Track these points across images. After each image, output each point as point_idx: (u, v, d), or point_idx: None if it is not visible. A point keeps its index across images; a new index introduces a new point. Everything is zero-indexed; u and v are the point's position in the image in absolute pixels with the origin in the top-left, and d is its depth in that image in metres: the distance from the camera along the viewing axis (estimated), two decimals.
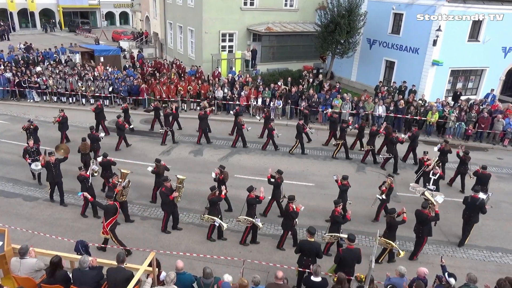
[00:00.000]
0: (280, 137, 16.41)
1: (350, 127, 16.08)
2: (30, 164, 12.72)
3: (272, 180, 11.36)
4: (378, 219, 11.68)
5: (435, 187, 12.28)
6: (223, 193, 10.38)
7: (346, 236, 8.84)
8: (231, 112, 18.79)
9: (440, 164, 13.82)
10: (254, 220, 10.08)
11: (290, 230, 10.12)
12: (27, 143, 13.02)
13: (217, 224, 10.19)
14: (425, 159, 13.28)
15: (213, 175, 11.61)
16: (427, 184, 12.49)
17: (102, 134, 15.08)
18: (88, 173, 11.27)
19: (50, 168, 11.65)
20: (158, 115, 18.00)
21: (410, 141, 15.43)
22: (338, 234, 9.60)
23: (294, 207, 9.80)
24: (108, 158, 12.28)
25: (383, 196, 11.16)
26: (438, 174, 12.47)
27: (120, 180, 11.05)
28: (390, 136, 15.01)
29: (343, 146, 15.77)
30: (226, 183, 11.65)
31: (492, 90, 21.80)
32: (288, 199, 9.98)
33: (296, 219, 9.97)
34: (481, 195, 10.51)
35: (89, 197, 10.37)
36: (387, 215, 9.78)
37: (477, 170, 12.65)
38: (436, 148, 14.26)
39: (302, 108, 17.89)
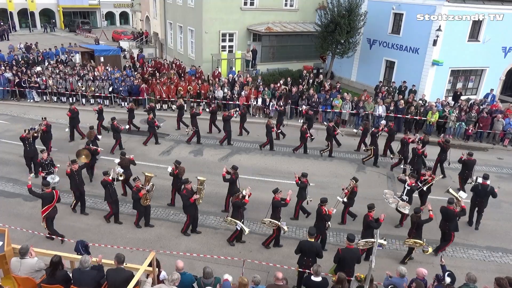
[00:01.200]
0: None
1: (380, 133, 15.33)
2: (44, 178, 11.77)
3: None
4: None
5: (407, 198, 11.52)
6: (247, 198, 10.08)
7: (382, 241, 9.00)
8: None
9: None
10: (280, 223, 9.86)
11: (322, 234, 9.96)
12: (41, 155, 12.29)
13: (239, 228, 10.01)
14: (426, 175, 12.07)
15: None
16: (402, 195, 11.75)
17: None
18: (111, 177, 10.89)
19: (74, 177, 11.12)
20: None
21: (388, 135, 15.75)
22: (373, 240, 9.37)
23: (327, 210, 9.65)
24: (127, 156, 12.34)
25: (345, 199, 10.98)
26: (411, 184, 11.58)
27: (144, 184, 10.74)
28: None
29: (372, 152, 15.28)
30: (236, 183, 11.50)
31: (492, 90, 21.80)
32: (320, 201, 9.73)
33: (329, 222, 9.84)
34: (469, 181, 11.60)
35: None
36: (413, 215, 9.65)
37: (461, 157, 13.28)
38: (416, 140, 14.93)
39: (304, 110, 17.89)
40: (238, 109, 18.23)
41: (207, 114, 18.50)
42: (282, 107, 18.13)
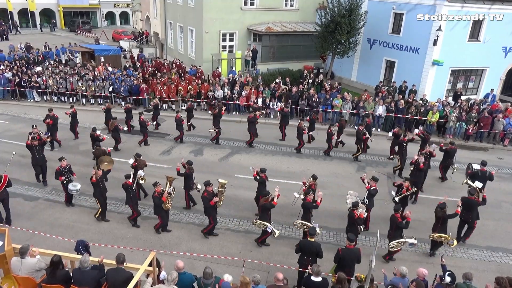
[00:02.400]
0: (277, 137, 16.39)
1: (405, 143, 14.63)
2: (66, 186, 11.55)
3: (258, 177, 11.36)
4: (367, 227, 11.39)
5: (367, 201, 10.93)
6: (275, 200, 9.91)
7: (412, 240, 9.22)
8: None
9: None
10: (311, 225, 9.68)
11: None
12: (60, 163, 11.70)
13: (270, 230, 9.88)
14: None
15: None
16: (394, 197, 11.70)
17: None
18: (131, 180, 10.72)
19: (98, 184, 10.83)
20: (158, 113, 18.00)
21: (366, 131, 15.80)
22: (404, 240, 9.44)
23: (358, 213, 9.58)
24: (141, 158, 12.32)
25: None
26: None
27: (166, 187, 10.59)
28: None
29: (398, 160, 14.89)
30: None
31: (492, 90, 21.78)
32: (352, 206, 9.70)
33: (361, 226, 9.79)
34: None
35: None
36: (438, 210, 9.79)
37: (441, 145, 14.04)
38: (390, 134, 15.72)
39: (280, 107, 18.20)
40: (263, 111, 17.98)
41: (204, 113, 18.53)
42: (288, 109, 18.09)
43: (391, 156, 15.84)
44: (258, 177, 11.26)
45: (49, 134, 14.12)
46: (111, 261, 7.03)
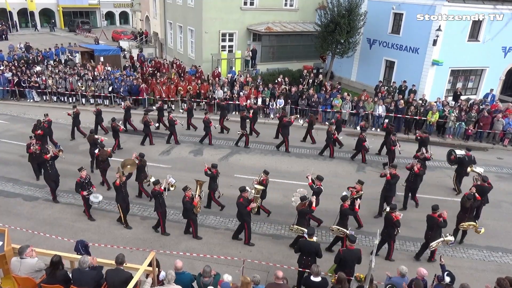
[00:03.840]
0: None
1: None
2: (87, 198, 11.06)
3: (209, 172, 11.49)
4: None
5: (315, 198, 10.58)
6: (313, 205, 9.78)
7: (451, 238, 9.48)
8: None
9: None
10: (347, 231, 9.58)
11: (393, 240, 9.90)
12: (80, 174, 11.09)
13: (307, 236, 9.56)
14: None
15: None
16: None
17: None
18: (162, 187, 10.51)
19: (121, 188, 10.53)
20: (162, 115, 18.02)
21: (336, 126, 16.24)
22: (443, 239, 9.53)
23: (395, 216, 9.56)
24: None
25: (252, 192, 11.00)
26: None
27: (196, 191, 10.54)
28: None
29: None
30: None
31: (492, 90, 21.79)
32: (390, 208, 9.62)
33: (399, 228, 9.72)
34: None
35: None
36: (466, 200, 10.23)
37: (417, 135, 15.09)
38: (358, 128, 16.39)
39: (248, 105, 18.43)
40: (297, 115, 17.81)
41: (214, 115, 18.48)
42: (256, 106, 18.37)
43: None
44: (209, 172, 11.42)
45: (60, 147, 13.26)
46: (110, 261, 7.03)
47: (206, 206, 12.00)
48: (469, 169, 12.71)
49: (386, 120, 17.82)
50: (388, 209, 9.77)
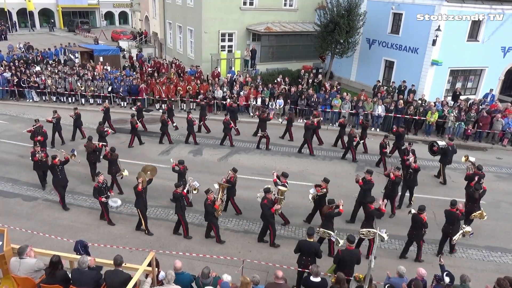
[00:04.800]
0: (274, 136, 16.36)
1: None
2: (106, 203, 10.86)
3: (176, 168, 11.68)
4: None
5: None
6: (341, 208, 9.68)
7: (469, 228, 9.72)
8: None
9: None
10: (378, 232, 9.36)
11: (422, 240, 9.91)
12: (98, 179, 10.88)
13: (334, 239, 9.66)
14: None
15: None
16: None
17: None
18: (185, 190, 10.48)
19: (142, 194, 10.35)
20: (173, 114, 18.07)
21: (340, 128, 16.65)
22: (463, 231, 9.82)
23: (423, 216, 9.55)
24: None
25: (216, 186, 11.06)
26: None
27: (218, 194, 10.50)
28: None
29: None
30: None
31: (491, 90, 21.79)
32: (419, 209, 9.62)
33: (426, 229, 9.78)
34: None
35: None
36: (475, 191, 10.81)
37: (394, 129, 15.87)
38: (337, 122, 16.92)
39: (229, 103, 18.57)
40: (321, 118, 17.64)
41: (213, 115, 18.49)
42: (236, 105, 18.37)
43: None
44: (176, 168, 11.62)
45: (74, 151, 12.76)
46: (110, 261, 7.02)
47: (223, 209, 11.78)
48: (463, 158, 13.19)
49: (361, 117, 17.95)
50: (413, 210, 9.81)
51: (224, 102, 20.07)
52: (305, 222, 11.51)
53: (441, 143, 14.30)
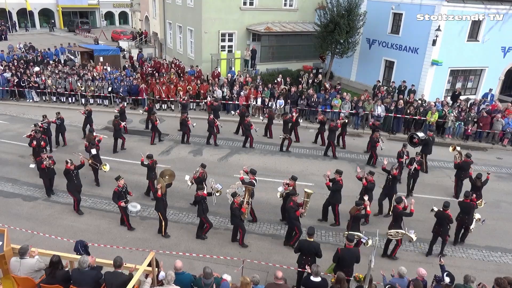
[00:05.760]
0: (277, 137, 16.35)
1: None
2: (125, 207, 10.56)
3: (145, 163, 12.00)
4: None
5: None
6: (368, 209, 9.73)
7: (478, 216, 10.15)
8: (235, 112, 19.36)
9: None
10: (407, 232, 9.51)
11: (447, 235, 10.09)
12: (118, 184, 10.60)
13: (364, 241, 9.39)
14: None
15: (146, 162, 12.14)
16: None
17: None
18: (206, 192, 10.39)
19: (162, 198, 10.31)
20: (186, 112, 17.92)
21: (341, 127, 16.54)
22: (475, 219, 10.35)
23: (449, 213, 9.68)
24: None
25: (189, 182, 11.52)
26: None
27: (244, 197, 10.51)
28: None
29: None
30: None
31: (491, 89, 21.78)
32: (443, 206, 9.75)
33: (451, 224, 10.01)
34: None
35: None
36: (477, 180, 11.63)
37: (370, 123, 16.39)
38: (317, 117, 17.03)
39: (209, 102, 18.61)
40: (345, 120, 17.23)
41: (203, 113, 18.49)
42: (216, 103, 18.42)
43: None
44: (145, 163, 11.97)
45: (93, 153, 12.73)
46: (109, 261, 7.03)
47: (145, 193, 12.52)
48: (451, 148, 13.89)
49: (372, 120, 17.69)
50: (435, 208, 10.04)
51: (224, 102, 20.09)
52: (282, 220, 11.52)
53: (421, 134, 15.02)
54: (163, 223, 10.58)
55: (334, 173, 11.28)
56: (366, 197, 10.07)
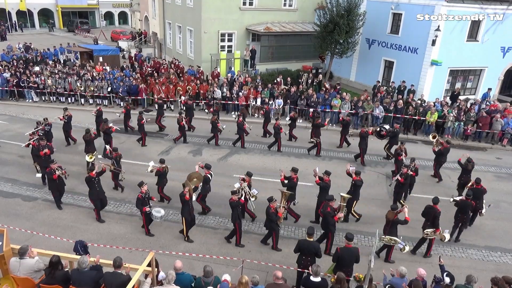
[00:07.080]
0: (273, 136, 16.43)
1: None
2: (149, 213, 10.34)
3: (110, 155, 12.49)
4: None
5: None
6: (407, 215, 9.45)
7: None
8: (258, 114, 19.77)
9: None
10: (443, 233, 9.62)
11: (468, 224, 10.83)
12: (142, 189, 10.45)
13: (401, 246, 9.29)
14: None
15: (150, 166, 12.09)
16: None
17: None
18: (242, 198, 10.23)
19: (188, 203, 10.08)
20: (192, 114, 18.13)
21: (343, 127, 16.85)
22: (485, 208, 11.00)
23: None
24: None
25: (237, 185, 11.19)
26: None
27: (281, 202, 10.44)
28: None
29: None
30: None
31: (489, 89, 21.77)
32: (466, 195, 10.36)
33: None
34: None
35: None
36: (468, 163, 12.28)
37: (341, 119, 17.07)
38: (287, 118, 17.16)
39: (184, 101, 18.72)
40: (377, 128, 16.99)
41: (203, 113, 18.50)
42: (191, 102, 18.44)
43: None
44: (109, 155, 12.49)
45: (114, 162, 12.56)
46: (109, 261, 7.02)
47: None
48: (431, 137, 14.95)
49: (385, 128, 16.98)
50: (457, 198, 10.80)
51: (223, 102, 20.08)
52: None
53: (387, 126, 16.16)
54: (185, 228, 10.41)
55: (323, 173, 11.32)
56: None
